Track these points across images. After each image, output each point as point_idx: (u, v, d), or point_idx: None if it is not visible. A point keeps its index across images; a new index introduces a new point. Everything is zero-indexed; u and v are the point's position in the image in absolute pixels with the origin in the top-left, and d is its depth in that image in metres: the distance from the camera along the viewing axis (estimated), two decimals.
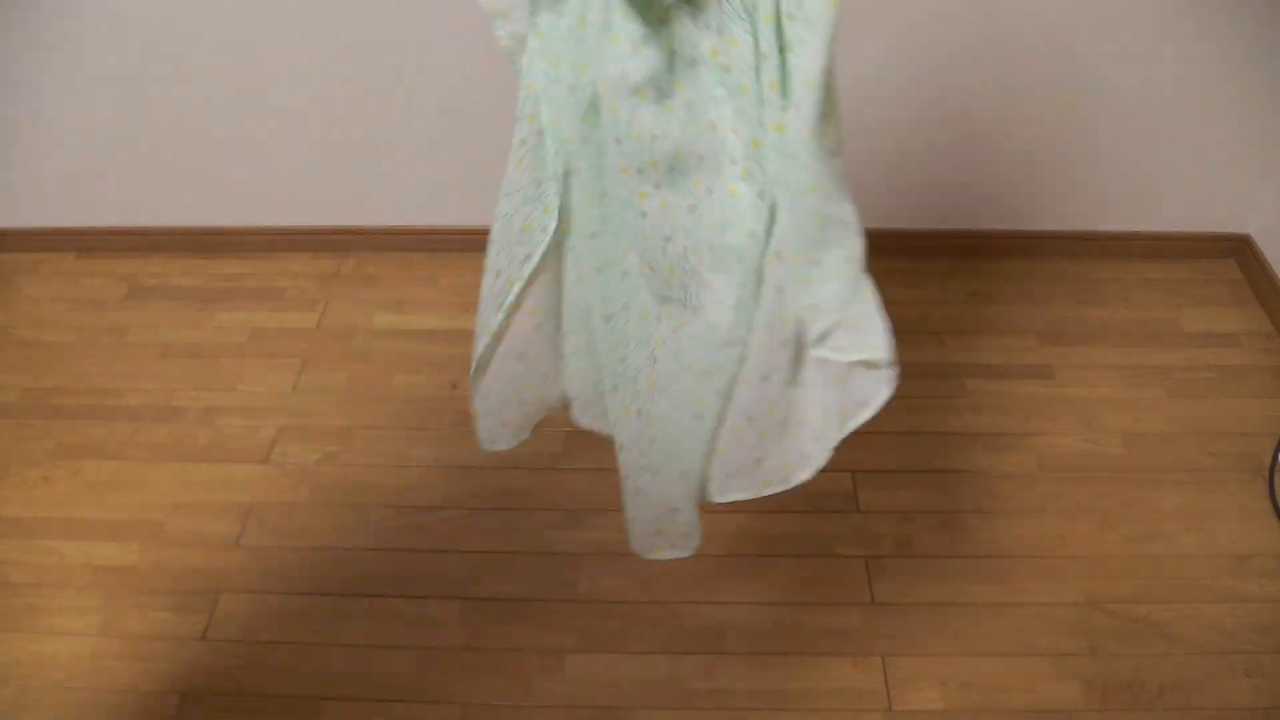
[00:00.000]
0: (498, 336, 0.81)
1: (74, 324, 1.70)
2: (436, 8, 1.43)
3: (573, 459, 1.44)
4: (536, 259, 0.76)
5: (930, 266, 1.74)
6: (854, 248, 0.68)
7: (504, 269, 0.79)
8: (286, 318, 1.70)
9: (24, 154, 1.68)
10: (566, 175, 0.71)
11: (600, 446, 1.47)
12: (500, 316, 0.80)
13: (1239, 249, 1.72)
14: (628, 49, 0.60)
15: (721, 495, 0.87)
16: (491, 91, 1.54)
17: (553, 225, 0.74)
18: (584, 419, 0.95)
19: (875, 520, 1.35)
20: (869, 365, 0.73)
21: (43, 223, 1.81)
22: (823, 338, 0.73)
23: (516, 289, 0.78)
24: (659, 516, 0.89)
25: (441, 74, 1.52)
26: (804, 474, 0.84)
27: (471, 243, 1.79)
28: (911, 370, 1.56)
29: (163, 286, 1.77)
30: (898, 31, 1.43)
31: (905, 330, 1.66)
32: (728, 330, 0.71)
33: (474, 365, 0.85)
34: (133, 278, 1.78)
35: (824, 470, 1.42)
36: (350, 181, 1.71)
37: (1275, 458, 1.40)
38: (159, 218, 1.78)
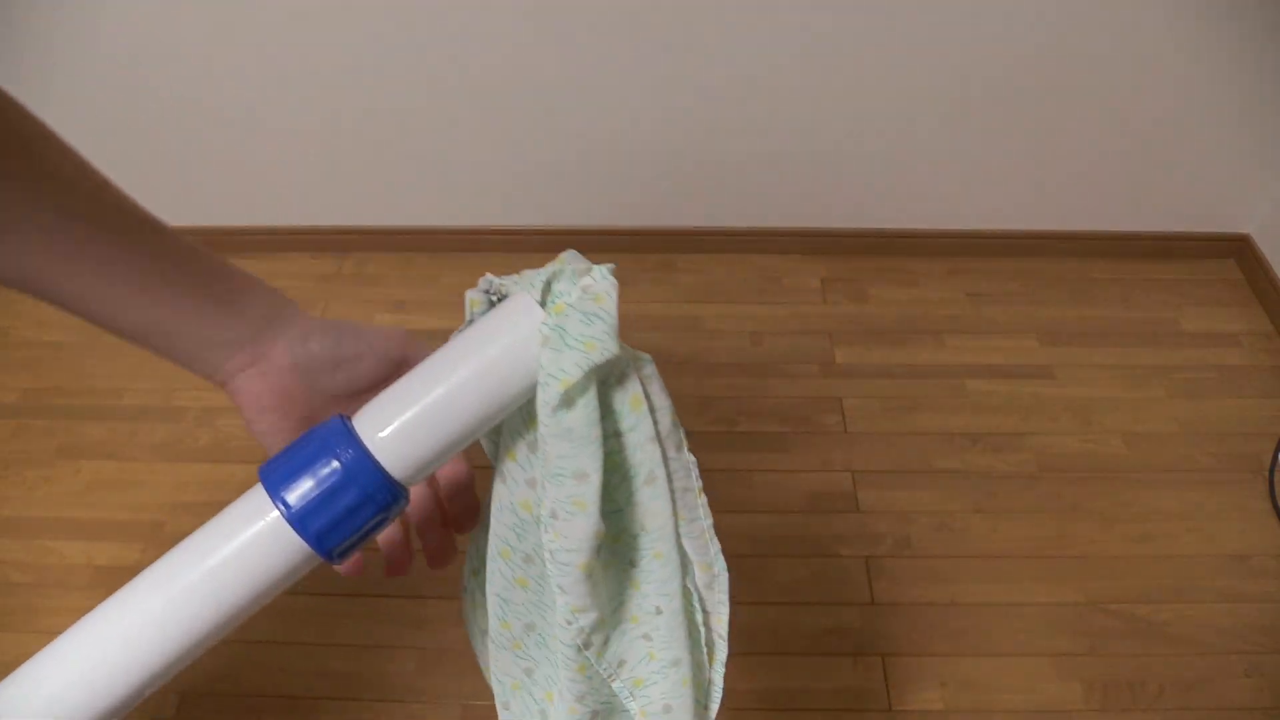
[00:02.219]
0: None
1: (74, 324, 1.69)
2: (437, 8, 1.43)
3: None
4: None
5: (930, 266, 1.74)
6: None
7: None
8: None
9: None
10: None
11: None
12: None
13: (1239, 249, 1.72)
14: None
15: None
16: (493, 92, 1.55)
17: None
18: None
19: (875, 520, 1.35)
20: None
21: None
22: None
23: None
24: None
25: (443, 74, 1.52)
26: None
27: (471, 243, 1.80)
28: (911, 370, 1.57)
29: None
30: (894, 28, 1.43)
31: (905, 330, 1.67)
32: None
33: None
34: None
35: (824, 470, 1.42)
36: (350, 181, 1.71)
37: (1275, 458, 1.40)
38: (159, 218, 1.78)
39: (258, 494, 0.41)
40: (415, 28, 1.46)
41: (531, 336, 0.40)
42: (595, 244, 1.76)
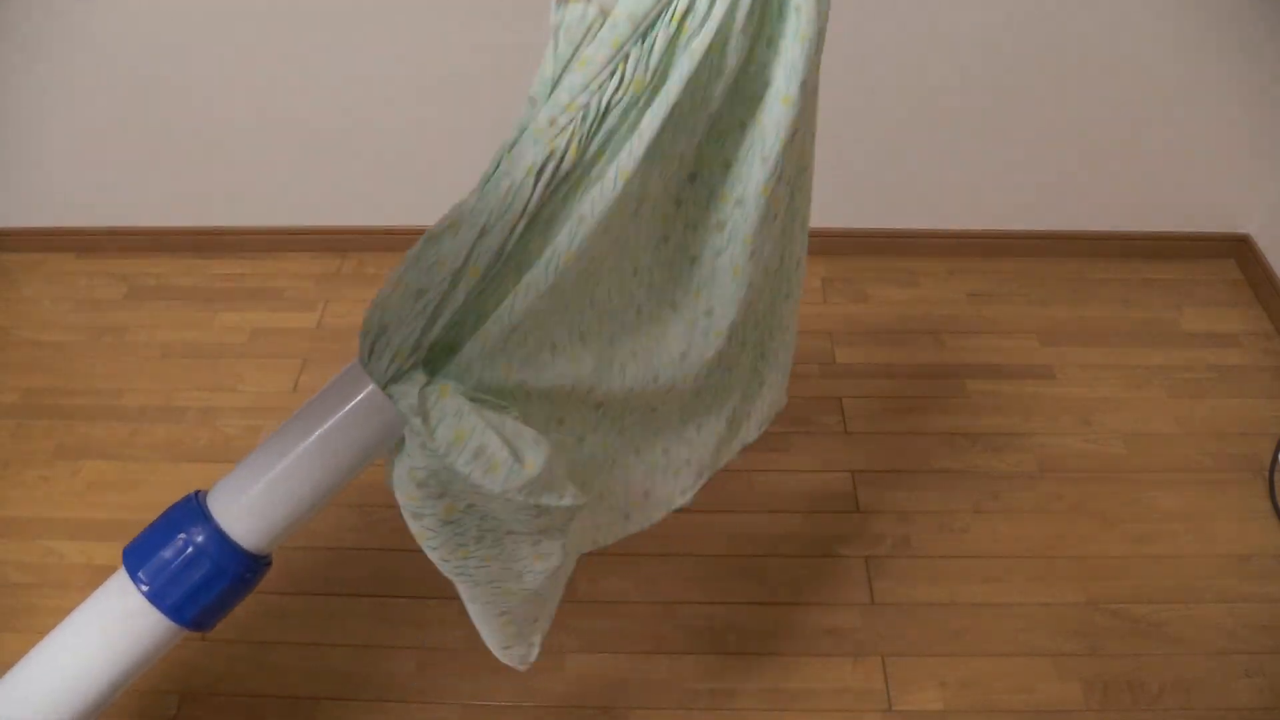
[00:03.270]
0: None
1: (74, 324, 1.70)
2: (439, 8, 1.43)
3: None
4: None
5: (930, 266, 1.74)
6: None
7: None
8: (286, 318, 1.70)
9: (24, 154, 1.68)
10: None
11: None
12: None
13: (1239, 249, 1.72)
14: None
15: None
16: (492, 91, 1.54)
17: None
18: None
19: (875, 520, 1.35)
20: None
21: (43, 223, 1.81)
22: None
23: None
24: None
25: (443, 73, 1.52)
26: None
27: None
28: (911, 370, 1.57)
29: (163, 286, 1.77)
30: (893, 26, 1.43)
31: (905, 330, 1.67)
32: None
33: None
34: (133, 278, 1.78)
35: (824, 470, 1.42)
36: (350, 181, 1.71)
37: (1275, 458, 1.40)
38: (159, 218, 1.78)
39: (120, 576, 0.45)
40: (414, 27, 1.46)
41: (363, 408, 0.46)
42: None
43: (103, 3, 1.44)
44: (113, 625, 0.44)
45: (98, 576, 1.41)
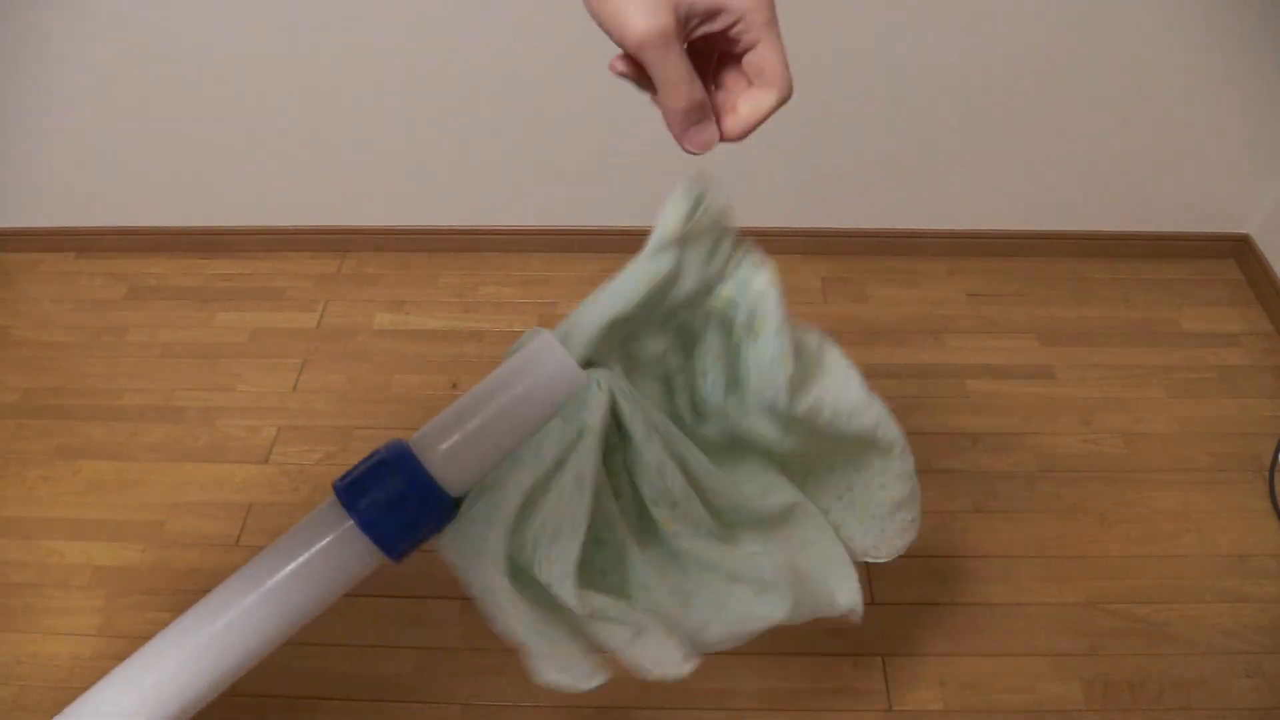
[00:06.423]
0: None
1: (74, 324, 1.70)
2: (437, 8, 1.43)
3: None
4: None
5: (930, 266, 1.74)
6: None
7: None
8: (286, 318, 1.70)
9: (24, 154, 1.68)
10: None
11: None
12: None
13: (1239, 249, 1.72)
14: None
15: None
16: (492, 92, 1.55)
17: None
18: None
19: None
20: None
21: (43, 223, 1.81)
22: None
23: None
24: None
25: (442, 74, 1.52)
26: None
27: (471, 243, 1.80)
28: (911, 370, 1.57)
29: (163, 286, 1.77)
30: (894, 27, 1.43)
31: (905, 330, 1.67)
32: None
33: None
34: (133, 278, 1.78)
35: None
36: (350, 181, 1.71)
37: (1275, 458, 1.40)
38: (159, 218, 1.78)
39: (333, 505, 0.48)
40: (414, 28, 1.46)
41: (555, 374, 0.49)
42: (595, 244, 1.76)
43: (102, 3, 1.44)
44: (324, 551, 0.48)
45: (98, 576, 1.41)
